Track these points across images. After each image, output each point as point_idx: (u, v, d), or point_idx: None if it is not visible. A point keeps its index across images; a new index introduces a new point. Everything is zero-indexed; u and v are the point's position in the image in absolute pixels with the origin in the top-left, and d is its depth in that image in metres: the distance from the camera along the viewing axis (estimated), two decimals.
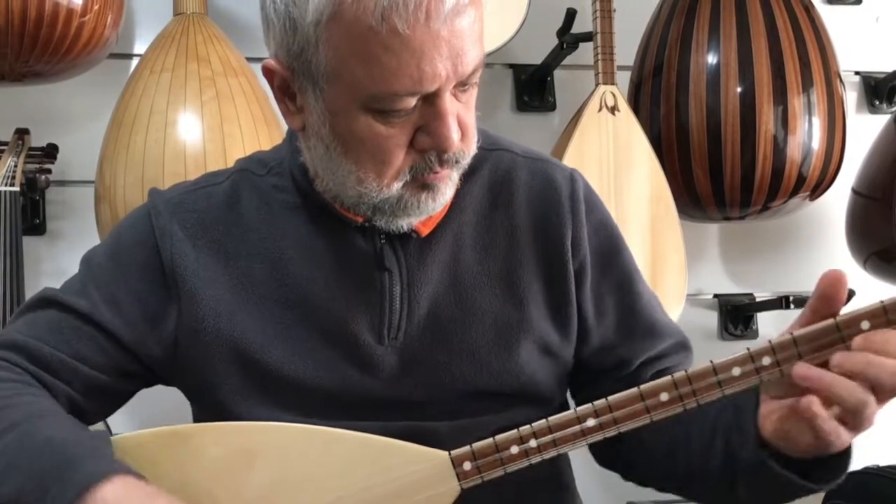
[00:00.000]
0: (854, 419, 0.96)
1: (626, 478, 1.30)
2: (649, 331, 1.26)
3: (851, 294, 2.34)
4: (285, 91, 1.12)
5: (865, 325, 0.96)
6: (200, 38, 2.03)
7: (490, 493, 1.09)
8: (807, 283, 2.46)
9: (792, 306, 2.47)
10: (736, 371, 0.99)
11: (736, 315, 2.57)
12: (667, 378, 1.01)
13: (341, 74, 1.04)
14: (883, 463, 2.02)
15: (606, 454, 1.29)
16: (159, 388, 1.27)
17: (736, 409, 1.09)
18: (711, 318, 2.58)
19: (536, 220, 1.22)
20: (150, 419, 1.33)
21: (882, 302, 0.96)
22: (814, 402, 0.96)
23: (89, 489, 0.96)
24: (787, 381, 0.99)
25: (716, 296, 2.59)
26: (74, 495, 0.96)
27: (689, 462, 1.17)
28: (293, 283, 1.18)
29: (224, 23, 2.16)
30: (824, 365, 0.97)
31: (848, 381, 0.95)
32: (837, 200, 2.43)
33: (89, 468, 0.99)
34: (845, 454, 1.03)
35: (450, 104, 1.05)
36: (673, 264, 2.17)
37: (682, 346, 1.29)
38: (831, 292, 0.99)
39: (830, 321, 0.97)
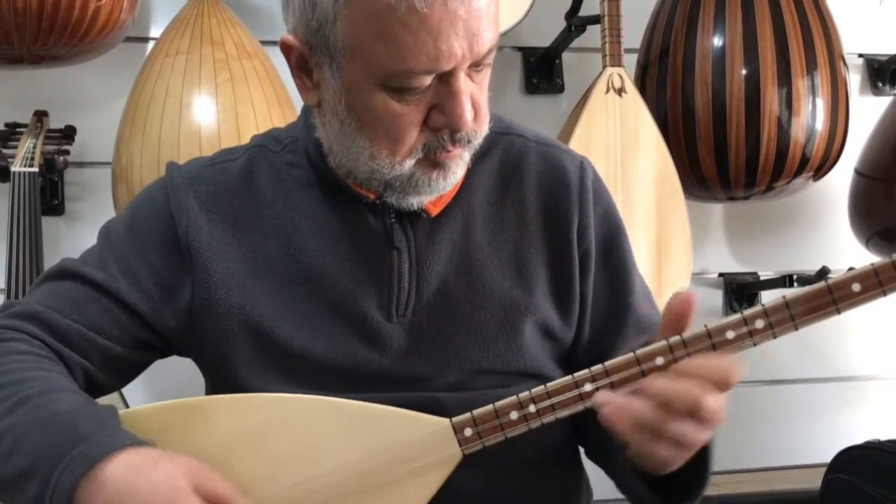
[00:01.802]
0: (659, 435, 0.98)
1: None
2: (634, 325, 1.26)
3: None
4: (302, 67, 1.13)
5: (856, 286, 0.97)
6: (215, 22, 2.05)
7: (499, 471, 1.11)
8: (810, 263, 2.53)
9: (795, 285, 2.49)
10: (730, 334, 1.00)
11: (740, 293, 2.59)
12: (662, 343, 1.01)
13: (358, 51, 1.05)
14: (883, 437, 2.04)
15: (574, 430, 1.29)
16: (174, 363, 1.29)
17: None
18: (716, 297, 2.59)
19: (545, 205, 1.23)
20: (165, 393, 1.36)
21: (873, 265, 0.97)
22: (611, 411, 0.98)
23: (97, 464, 0.97)
24: None
25: (721, 275, 2.61)
26: (83, 471, 0.96)
27: (601, 456, 1.22)
28: (305, 259, 1.18)
29: (238, 6, 2.17)
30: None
31: (637, 401, 0.97)
32: (840, 181, 2.45)
33: (96, 443, 0.99)
34: (700, 476, 1.06)
35: (464, 84, 1.06)
36: (679, 244, 2.18)
37: None
38: (680, 310, 1.00)
39: (822, 284, 0.98)
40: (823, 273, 2.40)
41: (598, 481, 1.32)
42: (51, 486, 0.97)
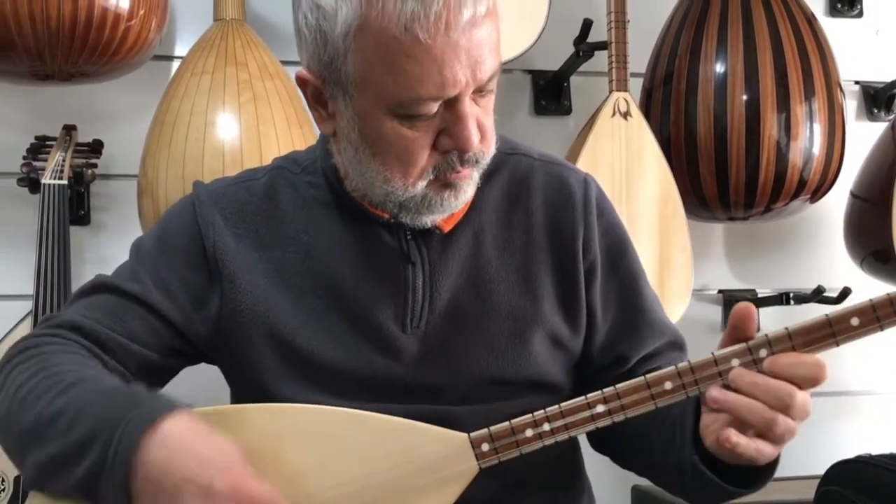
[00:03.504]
0: (769, 436, 1.01)
1: (614, 461, 1.35)
2: (648, 329, 1.30)
3: (847, 292, 2.38)
4: (317, 99, 1.17)
5: (855, 321, 1.00)
6: (239, 43, 2.08)
7: (504, 475, 1.13)
8: (806, 281, 2.56)
9: (792, 302, 2.52)
10: (735, 362, 1.02)
11: None
12: (671, 368, 1.04)
13: (369, 82, 1.09)
14: (875, 452, 2.06)
15: (597, 440, 1.34)
16: (196, 371, 1.33)
17: (684, 416, 1.14)
18: (716, 313, 2.61)
19: (551, 221, 1.27)
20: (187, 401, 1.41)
21: (871, 300, 1.00)
22: (731, 434, 1.01)
23: (154, 423, 1.01)
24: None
25: (720, 291, 2.63)
26: (142, 429, 1.01)
27: (653, 457, 1.22)
28: (324, 273, 1.22)
29: (261, 28, 2.20)
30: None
31: (753, 402, 1.00)
32: (836, 203, 2.47)
33: (153, 405, 1.04)
34: (774, 462, 1.08)
35: (469, 108, 1.10)
36: (680, 261, 2.22)
37: (677, 346, 1.32)
38: (741, 323, 1.04)
39: (823, 317, 1.01)
40: (819, 291, 2.42)
41: (600, 490, 1.38)
42: (114, 442, 1.01)
